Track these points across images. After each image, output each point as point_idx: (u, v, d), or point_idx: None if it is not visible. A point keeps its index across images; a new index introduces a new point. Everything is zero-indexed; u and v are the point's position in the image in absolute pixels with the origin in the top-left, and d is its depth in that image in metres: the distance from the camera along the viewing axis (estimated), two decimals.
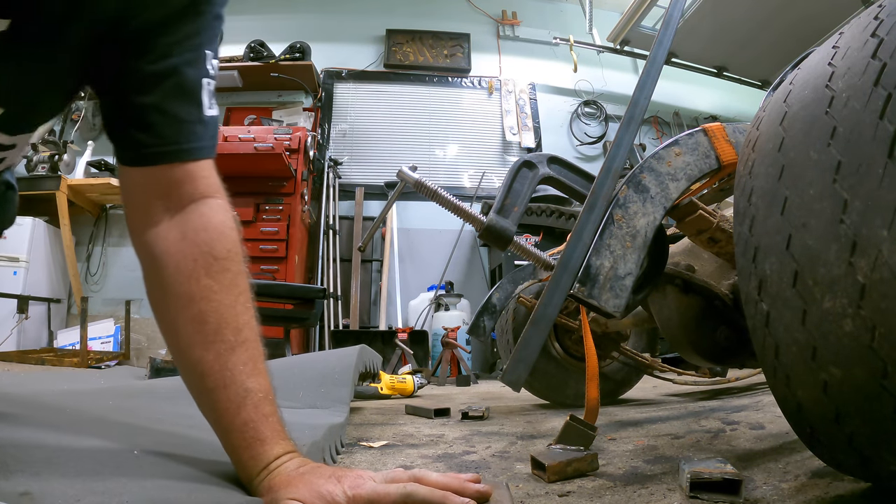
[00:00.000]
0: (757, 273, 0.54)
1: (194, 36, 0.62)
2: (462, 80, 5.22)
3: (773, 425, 1.12)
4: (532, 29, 5.45)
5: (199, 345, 0.60)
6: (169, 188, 0.63)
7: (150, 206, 0.63)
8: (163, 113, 0.61)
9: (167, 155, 0.62)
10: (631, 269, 0.55)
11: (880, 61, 0.46)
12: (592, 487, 0.76)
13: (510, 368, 0.51)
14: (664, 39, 0.70)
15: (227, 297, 0.62)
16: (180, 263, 0.61)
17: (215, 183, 0.67)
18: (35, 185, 3.94)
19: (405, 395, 2.34)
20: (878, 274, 0.41)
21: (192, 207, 0.64)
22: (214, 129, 0.66)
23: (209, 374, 0.59)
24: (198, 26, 0.62)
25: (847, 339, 0.43)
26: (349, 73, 5.09)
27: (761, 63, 4.33)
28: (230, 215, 0.67)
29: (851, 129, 0.46)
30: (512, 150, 5.02)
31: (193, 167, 0.64)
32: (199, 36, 0.63)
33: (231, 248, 0.64)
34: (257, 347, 0.62)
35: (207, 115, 0.64)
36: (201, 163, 0.65)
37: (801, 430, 0.55)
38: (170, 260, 0.62)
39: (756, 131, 0.62)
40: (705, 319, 1.11)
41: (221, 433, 0.59)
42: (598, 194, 0.59)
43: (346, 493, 0.53)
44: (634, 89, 0.65)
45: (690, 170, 0.72)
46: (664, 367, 1.96)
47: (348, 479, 0.55)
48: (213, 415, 0.59)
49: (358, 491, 0.54)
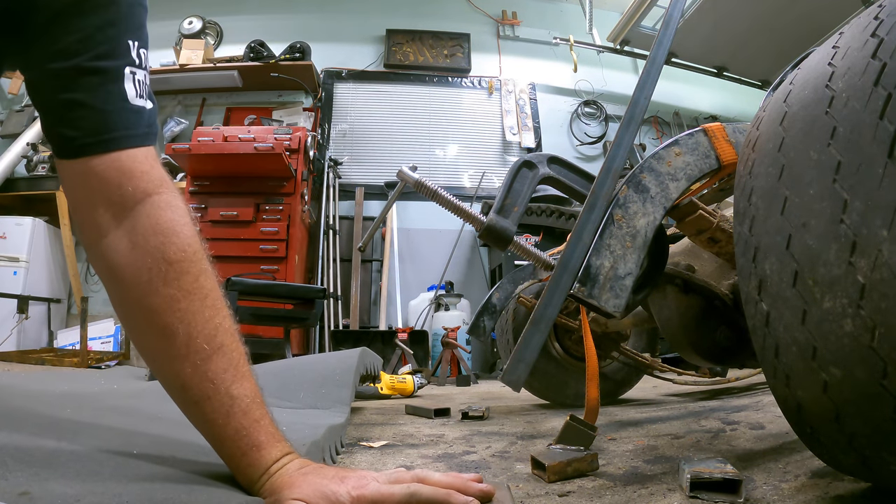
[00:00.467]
0: (757, 273, 0.54)
1: (107, 27, 0.59)
2: (462, 80, 5.22)
3: (773, 425, 1.12)
4: (532, 29, 5.45)
5: (173, 359, 0.57)
6: (108, 190, 0.59)
7: (96, 216, 0.60)
8: (83, 106, 0.58)
9: (92, 146, 0.58)
10: (631, 269, 0.55)
11: (880, 61, 0.46)
12: (592, 487, 0.76)
13: (510, 368, 0.51)
14: (664, 39, 0.70)
15: (191, 303, 0.58)
16: (135, 275, 0.58)
17: (158, 176, 0.62)
18: (35, 185, 3.94)
19: (405, 395, 2.34)
20: (878, 274, 0.41)
21: (139, 210, 0.60)
22: (147, 118, 0.62)
23: (189, 387, 0.57)
24: (111, 16, 0.59)
25: (847, 339, 0.43)
26: (349, 73, 5.09)
27: (761, 63, 4.33)
28: (181, 210, 0.62)
29: (851, 129, 0.46)
30: (512, 150, 5.02)
31: (126, 159, 0.60)
32: (115, 27, 0.59)
33: (186, 247, 0.60)
34: (236, 349, 0.60)
35: (134, 105, 0.60)
36: (135, 153, 0.60)
37: (801, 430, 0.55)
38: (124, 273, 0.58)
39: (756, 131, 0.62)
40: (705, 319, 1.11)
41: (214, 444, 0.58)
42: (598, 194, 0.59)
43: (350, 494, 0.53)
44: (634, 89, 0.65)
45: (690, 170, 0.72)
46: (664, 367, 1.96)
47: (352, 479, 0.55)
48: (202, 427, 0.58)
49: (362, 491, 0.53)
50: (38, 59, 0.58)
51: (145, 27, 0.64)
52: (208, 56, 4.61)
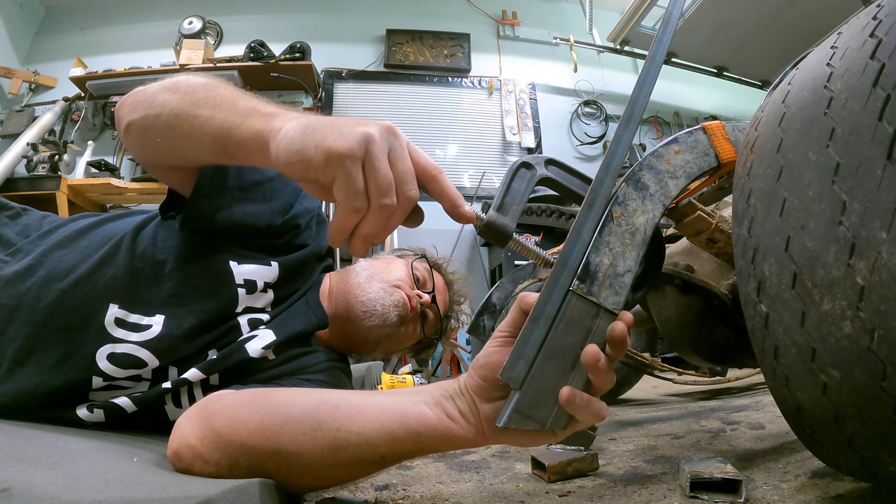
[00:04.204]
0: (756, 274, 0.54)
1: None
2: (462, 80, 5.22)
3: (773, 425, 1.12)
4: (532, 29, 5.44)
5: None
6: None
7: None
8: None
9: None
10: (630, 267, 0.55)
11: (879, 62, 0.46)
12: (592, 487, 0.76)
13: (509, 364, 0.51)
14: (664, 37, 0.70)
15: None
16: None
17: None
18: (35, 185, 3.94)
19: None
20: (878, 276, 0.41)
21: None
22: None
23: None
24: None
25: (846, 340, 0.43)
26: (349, 73, 5.09)
27: (761, 63, 4.32)
28: None
29: (850, 131, 0.46)
30: (512, 150, 5.02)
31: None
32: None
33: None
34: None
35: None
36: None
37: (800, 431, 0.55)
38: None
39: (755, 132, 0.62)
40: (705, 319, 1.11)
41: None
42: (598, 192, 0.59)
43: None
44: (634, 87, 0.65)
45: (690, 167, 0.72)
46: (664, 366, 1.96)
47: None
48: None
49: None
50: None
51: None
52: (208, 56, 4.61)
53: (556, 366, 0.50)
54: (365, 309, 0.95)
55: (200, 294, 0.80)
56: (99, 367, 0.73)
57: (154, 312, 0.77)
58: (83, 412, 0.73)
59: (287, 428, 0.57)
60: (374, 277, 0.99)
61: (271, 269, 0.86)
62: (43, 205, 3.94)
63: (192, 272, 0.80)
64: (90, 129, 4.55)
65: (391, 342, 1.00)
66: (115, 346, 0.74)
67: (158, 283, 0.78)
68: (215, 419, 0.59)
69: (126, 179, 4.27)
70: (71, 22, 4.91)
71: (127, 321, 0.75)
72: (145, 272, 0.78)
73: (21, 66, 4.69)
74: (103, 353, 0.73)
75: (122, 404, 0.74)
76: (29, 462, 0.50)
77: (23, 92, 4.63)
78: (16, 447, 0.54)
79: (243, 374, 0.80)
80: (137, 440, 0.71)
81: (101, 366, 0.73)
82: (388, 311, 0.95)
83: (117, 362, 0.74)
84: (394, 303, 0.96)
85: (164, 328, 0.76)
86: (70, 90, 4.54)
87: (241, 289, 0.82)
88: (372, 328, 0.95)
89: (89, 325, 0.74)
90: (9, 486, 0.42)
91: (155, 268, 0.78)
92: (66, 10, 4.96)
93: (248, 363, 0.80)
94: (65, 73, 4.53)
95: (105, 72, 4.47)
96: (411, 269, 1.04)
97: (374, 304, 0.95)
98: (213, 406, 0.62)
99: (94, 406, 0.73)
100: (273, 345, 0.82)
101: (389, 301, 0.96)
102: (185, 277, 0.79)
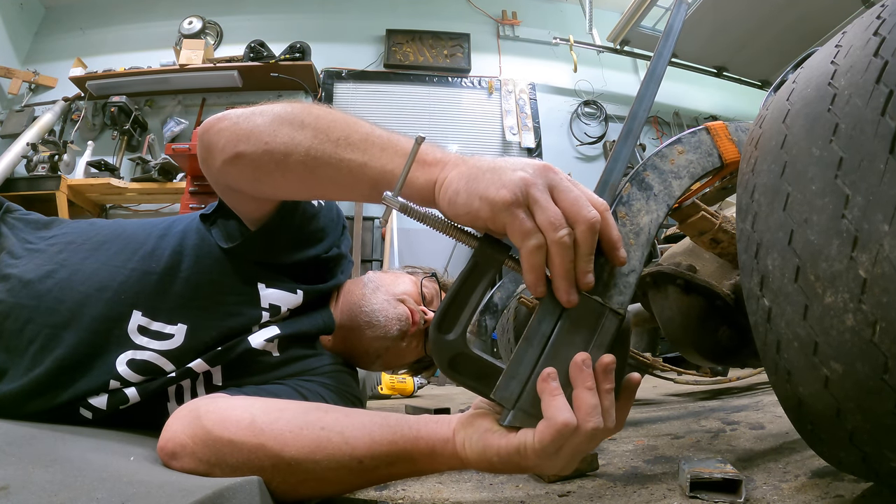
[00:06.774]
0: (759, 269, 0.54)
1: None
2: (462, 80, 5.22)
3: (773, 425, 1.12)
4: (532, 29, 5.45)
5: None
6: None
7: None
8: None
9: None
10: (635, 266, 0.55)
11: (882, 59, 0.46)
12: (592, 487, 0.76)
13: (503, 384, 0.51)
14: (664, 51, 0.70)
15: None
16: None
17: None
18: (35, 185, 3.94)
19: (405, 395, 2.34)
20: (880, 269, 0.41)
21: None
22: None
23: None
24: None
25: (848, 333, 0.43)
26: (349, 73, 5.09)
27: (761, 63, 4.33)
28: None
29: (853, 126, 0.46)
30: (512, 150, 5.02)
31: None
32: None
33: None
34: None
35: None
36: None
37: (801, 426, 0.55)
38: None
39: (759, 129, 0.62)
40: (707, 319, 1.10)
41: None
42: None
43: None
44: (633, 101, 0.66)
45: (693, 167, 0.72)
46: (665, 366, 1.96)
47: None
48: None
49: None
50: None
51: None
52: (208, 56, 4.61)
53: (561, 366, 0.50)
54: (368, 319, 0.95)
55: (226, 311, 0.81)
56: (117, 371, 0.74)
57: (177, 321, 0.78)
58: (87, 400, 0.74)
59: (276, 426, 0.58)
60: (380, 289, 1.00)
61: (296, 297, 0.87)
62: (43, 205, 3.94)
63: (220, 289, 0.81)
64: (90, 129, 4.55)
65: (391, 356, 0.99)
66: (137, 352, 0.75)
67: (186, 294, 0.79)
68: (207, 418, 0.60)
69: (126, 179, 4.27)
70: (71, 22, 4.91)
71: (150, 329, 0.77)
72: (174, 283, 0.79)
73: (21, 66, 4.69)
74: (123, 359, 0.74)
75: (128, 394, 0.75)
76: (27, 461, 0.50)
77: (23, 92, 4.63)
78: (14, 446, 0.54)
79: (246, 368, 0.81)
80: (134, 439, 0.71)
81: (120, 370, 0.74)
82: (390, 324, 0.95)
83: (136, 368, 0.75)
84: (397, 316, 0.96)
85: (185, 340, 0.77)
86: (70, 90, 4.55)
87: (265, 312, 0.83)
88: (373, 339, 0.95)
89: (113, 331, 0.75)
90: (7, 485, 0.42)
91: (185, 280, 0.79)
92: (66, 10, 4.96)
93: (251, 355, 0.81)
94: (65, 73, 4.53)
95: (105, 72, 4.48)
96: (420, 287, 1.04)
97: (376, 315, 0.95)
98: (206, 406, 0.63)
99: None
100: (276, 338, 0.83)
101: (393, 313, 0.96)
102: (214, 294, 0.81)
